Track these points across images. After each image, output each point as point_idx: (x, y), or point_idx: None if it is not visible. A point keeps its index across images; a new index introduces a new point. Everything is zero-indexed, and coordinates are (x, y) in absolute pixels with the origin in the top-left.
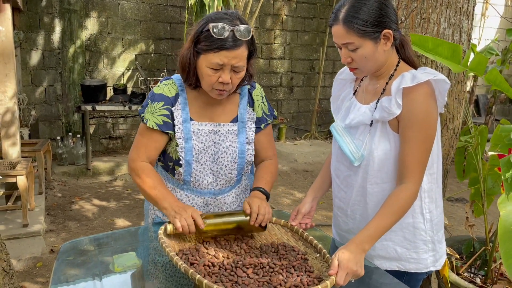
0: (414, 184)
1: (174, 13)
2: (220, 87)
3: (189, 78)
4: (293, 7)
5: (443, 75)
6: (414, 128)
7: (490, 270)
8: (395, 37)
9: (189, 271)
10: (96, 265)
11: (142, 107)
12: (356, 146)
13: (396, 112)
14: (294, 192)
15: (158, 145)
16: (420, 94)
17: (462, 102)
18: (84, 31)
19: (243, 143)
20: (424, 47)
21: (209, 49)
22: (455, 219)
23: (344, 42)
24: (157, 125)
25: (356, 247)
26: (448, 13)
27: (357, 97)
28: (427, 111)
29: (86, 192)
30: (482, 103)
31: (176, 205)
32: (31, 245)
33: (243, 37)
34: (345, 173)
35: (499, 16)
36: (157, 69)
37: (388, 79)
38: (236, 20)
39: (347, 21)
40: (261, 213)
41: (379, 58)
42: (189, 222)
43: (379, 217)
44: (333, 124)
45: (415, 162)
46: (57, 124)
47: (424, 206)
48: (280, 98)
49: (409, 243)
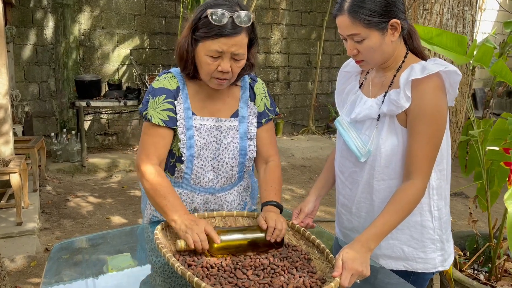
0: (422, 180)
1: (169, 7)
2: (220, 75)
3: (187, 67)
4: (290, 1)
5: (454, 66)
6: (423, 122)
7: (494, 266)
8: (403, 27)
9: (187, 274)
10: (89, 266)
11: (143, 105)
12: (363, 142)
13: (405, 105)
14: (292, 187)
15: (167, 142)
16: (430, 87)
17: (466, 95)
18: (78, 26)
19: (245, 139)
20: (428, 39)
21: (207, 36)
22: (455, 213)
23: (349, 34)
24: (163, 121)
25: (361, 246)
26: (451, 3)
27: (363, 91)
28: (437, 105)
29: (81, 189)
30: (479, 96)
31: (187, 218)
32: (25, 244)
33: (243, 23)
34: (351, 169)
35: (496, 9)
36: (152, 64)
37: (396, 71)
38: (235, 6)
39: (353, 11)
40: (278, 227)
41: (387, 50)
42: (202, 238)
43: (385, 214)
44: (337, 119)
45: (423, 158)
46: (51, 121)
47: (433, 204)
48: (277, 93)
49: (416, 242)
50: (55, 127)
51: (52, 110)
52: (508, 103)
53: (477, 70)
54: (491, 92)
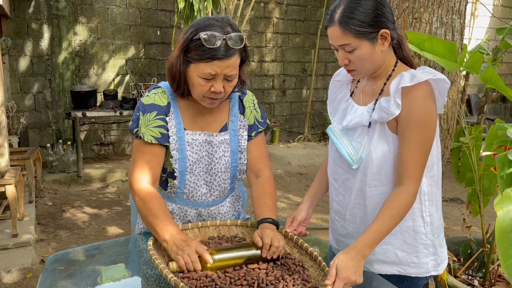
0: (413, 186)
1: (164, 17)
2: (212, 96)
3: (180, 87)
4: (284, 9)
5: (443, 75)
6: (413, 129)
7: (488, 272)
8: (393, 37)
9: (179, 285)
10: (84, 277)
11: (133, 122)
12: (354, 149)
13: (395, 112)
14: (289, 195)
15: (160, 159)
16: (419, 94)
17: (456, 102)
18: (74, 37)
19: (236, 152)
20: (420, 46)
21: (200, 59)
22: (450, 219)
23: (340, 44)
24: (156, 139)
25: (356, 253)
26: (440, 12)
27: (354, 99)
28: (427, 112)
29: (77, 200)
30: (473, 102)
31: (179, 238)
32: (21, 256)
33: (235, 45)
34: (343, 176)
35: (489, 16)
36: (148, 73)
37: (386, 79)
38: (227, 26)
39: (343, 22)
40: (275, 244)
41: (377, 59)
42: (193, 259)
43: (379, 221)
44: (329, 126)
45: (414, 164)
46: (47, 132)
47: (424, 209)
48: (272, 101)
49: (409, 247)
50: (51, 138)
51: (48, 121)
52: (502, 108)
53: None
54: (485, 98)
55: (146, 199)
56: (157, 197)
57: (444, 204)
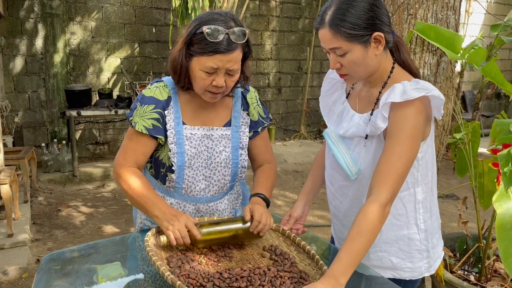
0: (384, 194)
1: (159, 16)
2: (214, 90)
3: (181, 80)
4: (279, 7)
5: (437, 90)
6: (397, 139)
7: (484, 267)
8: (388, 40)
9: (177, 283)
10: (79, 277)
11: (131, 110)
12: (352, 160)
13: (382, 126)
14: (286, 193)
15: (147, 150)
16: (408, 111)
17: (451, 98)
18: (68, 36)
19: (237, 148)
20: (427, 35)
21: (203, 52)
22: (446, 215)
23: (331, 47)
24: (146, 129)
25: (328, 282)
26: (435, 8)
27: (350, 102)
28: (414, 127)
29: (73, 199)
30: (468, 99)
31: (169, 212)
32: (16, 256)
33: (238, 40)
34: (340, 182)
35: (483, 13)
36: (143, 72)
37: (382, 87)
38: (230, 21)
39: (334, 24)
40: (263, 222)
41: (370, 63)
42: (183, 234)
43: (347, 244)
44: (326, 131)
45: (388, 171)
46: (42, 131)
47: (419, 217)
48: (268, 99)
49: (404, 253)
50: (45, 137)
51: (42, 120)
52: (497, 105)
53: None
54: (480, 95)
55: (130, 179)
56: (141, 177)
57: (440, 201)
